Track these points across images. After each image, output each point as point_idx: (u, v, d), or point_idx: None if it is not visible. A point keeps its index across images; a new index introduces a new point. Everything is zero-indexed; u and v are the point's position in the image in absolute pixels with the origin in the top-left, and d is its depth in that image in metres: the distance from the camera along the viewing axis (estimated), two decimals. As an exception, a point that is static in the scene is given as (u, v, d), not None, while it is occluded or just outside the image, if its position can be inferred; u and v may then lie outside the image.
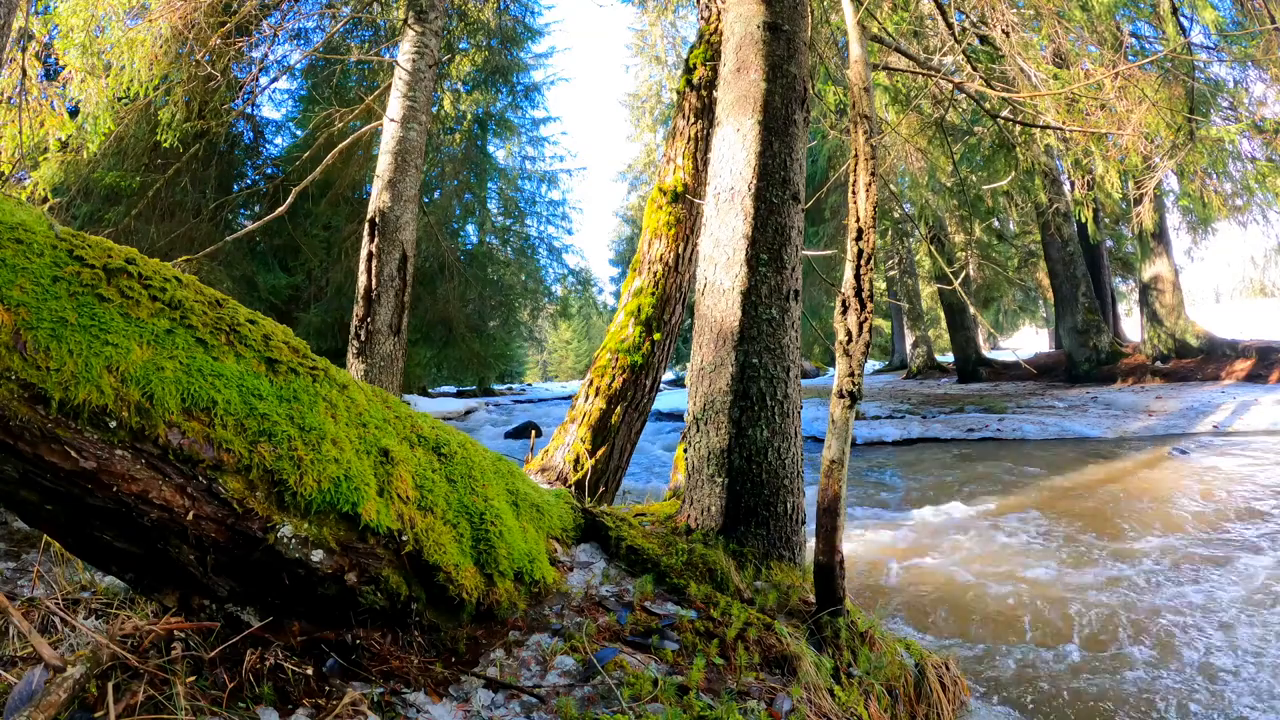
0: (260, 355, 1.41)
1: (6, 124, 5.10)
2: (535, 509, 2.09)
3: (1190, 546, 4.16)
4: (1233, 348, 12.72)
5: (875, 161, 2.14)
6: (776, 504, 2.44)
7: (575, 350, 49.05)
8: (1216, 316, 21.73)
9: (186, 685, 1.24)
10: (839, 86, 6.41)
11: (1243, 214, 9.22)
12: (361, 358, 4.68)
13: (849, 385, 2.02)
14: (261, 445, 1.31)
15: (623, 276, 20.15)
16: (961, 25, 5.17)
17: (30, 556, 2.66)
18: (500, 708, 1.44)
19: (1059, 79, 4.66)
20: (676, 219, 3.95)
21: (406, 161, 4.98)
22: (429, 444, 1.75)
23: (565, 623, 1.77)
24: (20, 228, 1.16)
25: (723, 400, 2.48)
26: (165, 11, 4.94)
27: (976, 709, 2.35)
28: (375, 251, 4.76)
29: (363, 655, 1.48)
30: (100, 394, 1.13)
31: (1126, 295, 20.55)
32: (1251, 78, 6.40)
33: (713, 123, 2.97)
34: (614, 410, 3.78)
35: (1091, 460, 7.22)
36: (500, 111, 18.17)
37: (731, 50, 2.76)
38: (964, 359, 17.27)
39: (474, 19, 13.87)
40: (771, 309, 2.52)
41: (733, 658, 1.75)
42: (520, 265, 19.59)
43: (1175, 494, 5.47)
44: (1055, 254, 14.50)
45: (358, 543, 1.44)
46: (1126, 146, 4.75)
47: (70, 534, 1.28)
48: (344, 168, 12.24)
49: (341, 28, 9.86)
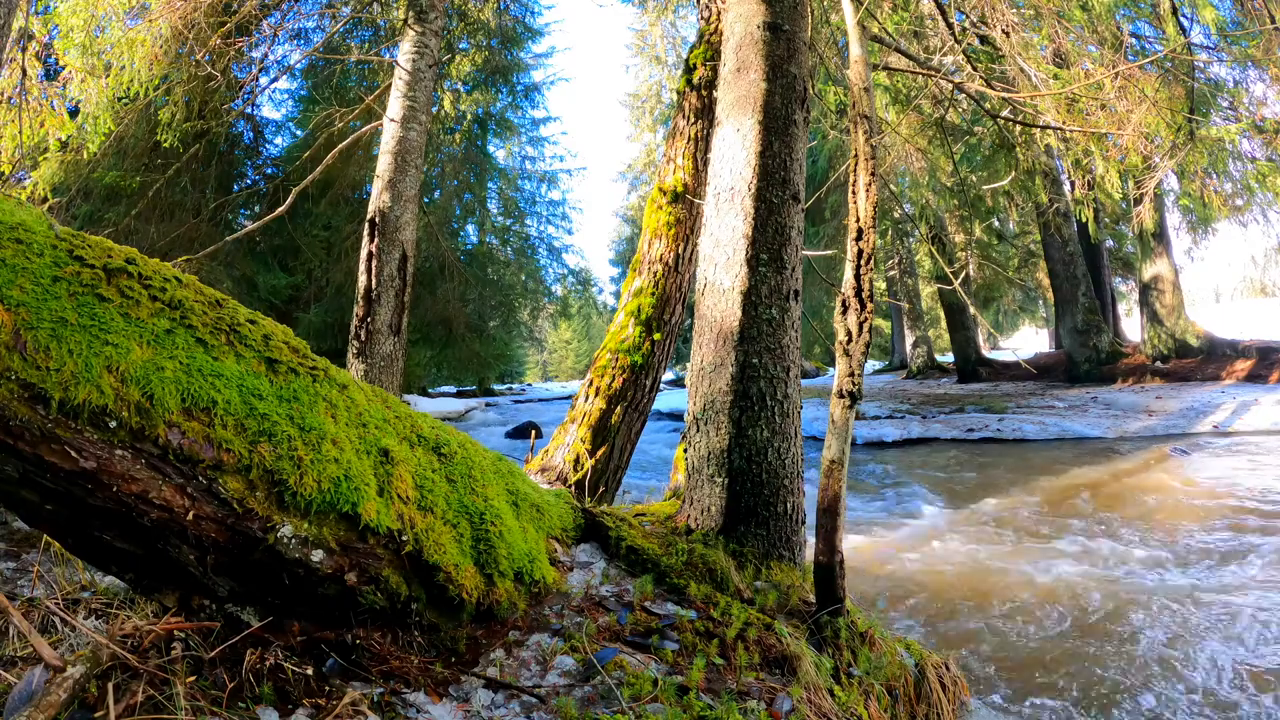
0: (260, 355, 1.41)
1: (6, 124, 5.10)
2: (535, 509, 2.09)
3: (1191, 546, 4.16)
4: (1233, 348, 12.72)
5: (875, 161, 2.14)
6: (776, 504, 2.44)
7: (575, 350, 49.05)
8: (1217, 316, 21.72)
9: (186, 685, 1.24)
10: (839, 86, 6.41)
11: (1243, 214, 9.21)
12: (361, 358, 4.68)
13: (849, 385, 2.02)
14: (261, 445, 1.31)
15: (623, 276, 20.15)
16: (961, 25, 5.17)
17: (30, 556, 2.66)
18: (500, 708, 1.44)
19: (1059, 79, 4.66)
20: (676, 219, 3.95)
21: (406, 161, 4.98)
22: (429, 444, 1.74)
23: (565, 623, 1.77)
24: (20, 228, 1.16)
25: (723, 400, 2.48)
26: (165, 11, 4.93)
27: (976, 709, 2.35)
28: (375, 251, 4.76)
29: (363, 655, 1.48)
30: (100, 394, 1.13)
31: (1126, 295, 20.53)
32: (1251, 78, 6.40)
33: (713, 123, 2.97)
34: (614, 410, 3.78)
35: (1091, 460, 7.22)
36: (500, 111, 18.17)
37: (731, 50, 2.75)
38: (964, 359, 17.26)
39: (474, 19, 13.87)
40: (771, 309, 2.51)
41: (733, 658, 1.75)
42: (520, 265, 19.60)
43: (1176, 493, 5.47)
44: (1055, 254, 14.50)
45: (358, 543, 1.44)
46: (1126, 146, 4.75)
47: (70, 534, 1.28)
48: (344, 168, 12.25)
49: (341, 28, 9.86)
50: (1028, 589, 3.58)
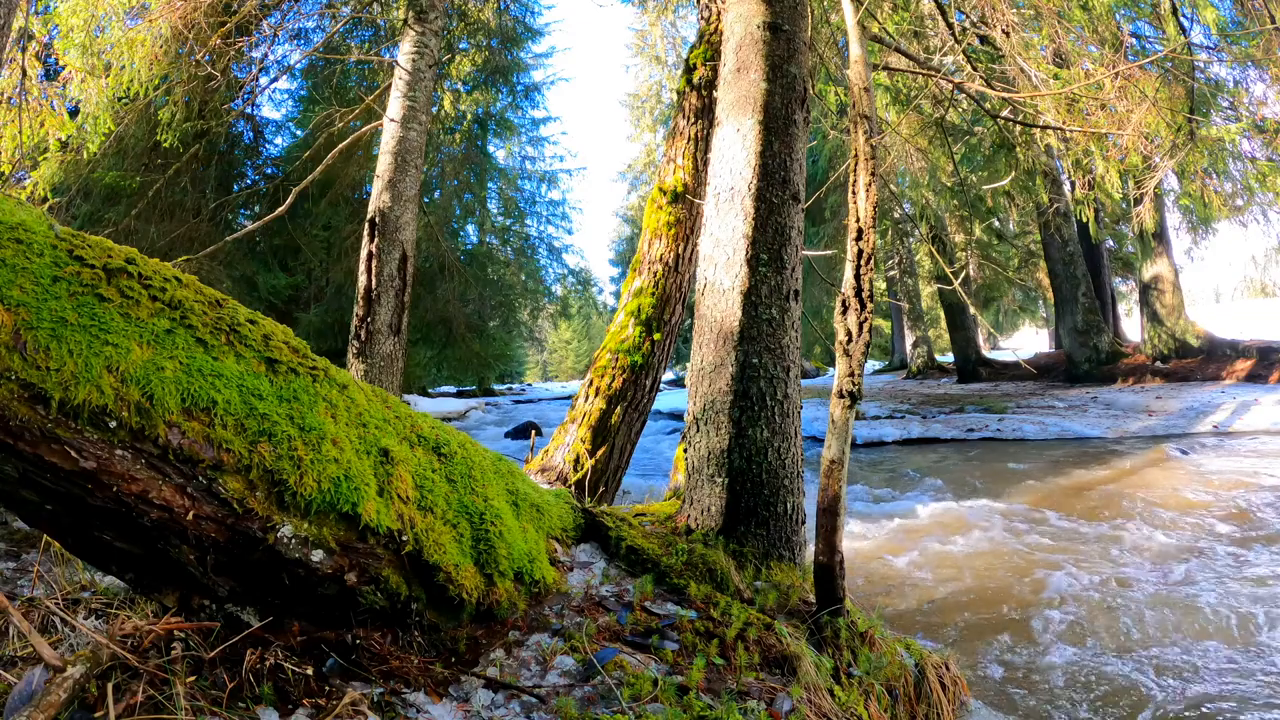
0: (260, 355, 1.41)
1: (6, 124, 5.10)
2: (535, 509, 2.09)
3: (1192, 545, 4.16)
4: (1233, 348, 12.72)
5: (875, 161, 2.13)
6: (776, 504, 2.44)
7: (575, 350, 49.06)
8: (1217, 316, 21.71)
9: (186, 685, 1.24)
10: (839, 86, 6.41)
11: (1243, 214, 9.21)
12: (361, 358, 4.68)
13: (849, 385, 2.02)
14: (261, 445, 1.31)
15: (623, 276, 20.14)
16: (961, 25, 5.17)
17: (30, 556, 2.66)
18: (500, 708, 1.44)
19: (1059, 79, 4.66)
20: (676, 219, 3.95)
21: (406, 161, 4.98)
22: (429, 444, 1.74)
23: (565, 623, 1.77)
24: (20, 228, 1.16)
25: (723, 400, 2.48)
26: (165, 11, 4.93)
27: (976, 709, 2.35)
28: (375, 251, 4.76)
29: (363, 655, 1.48)
30: (100, 394, 1.13)
31: (1126, 295, 20.54)
32: (1251, 78, 6.39)
33: (713, 123, 2.97)
34: (614, 410, 3.77)
35: (1091, 460, 7.22)
36: (500, 111, 18.18)
37: (732, 50, 2.75)
38: (964, 359, 17.26)
39: (474, 19, 13.87)
40: (771, 309, 2.51)
41: (733, 658, 1.75)
42: (520, 265, 19.61)
43: (1176, 493, 5.46)
44: (1055, 254, 14.50)
45: (358, 543, 1.44)
46: (1126, 146, 4.75)
47: (70, 534, 1.28)
48: (344, 168, 12.25)
49: (341, 28, 9.86)
50: (1028, 588, 3.58)
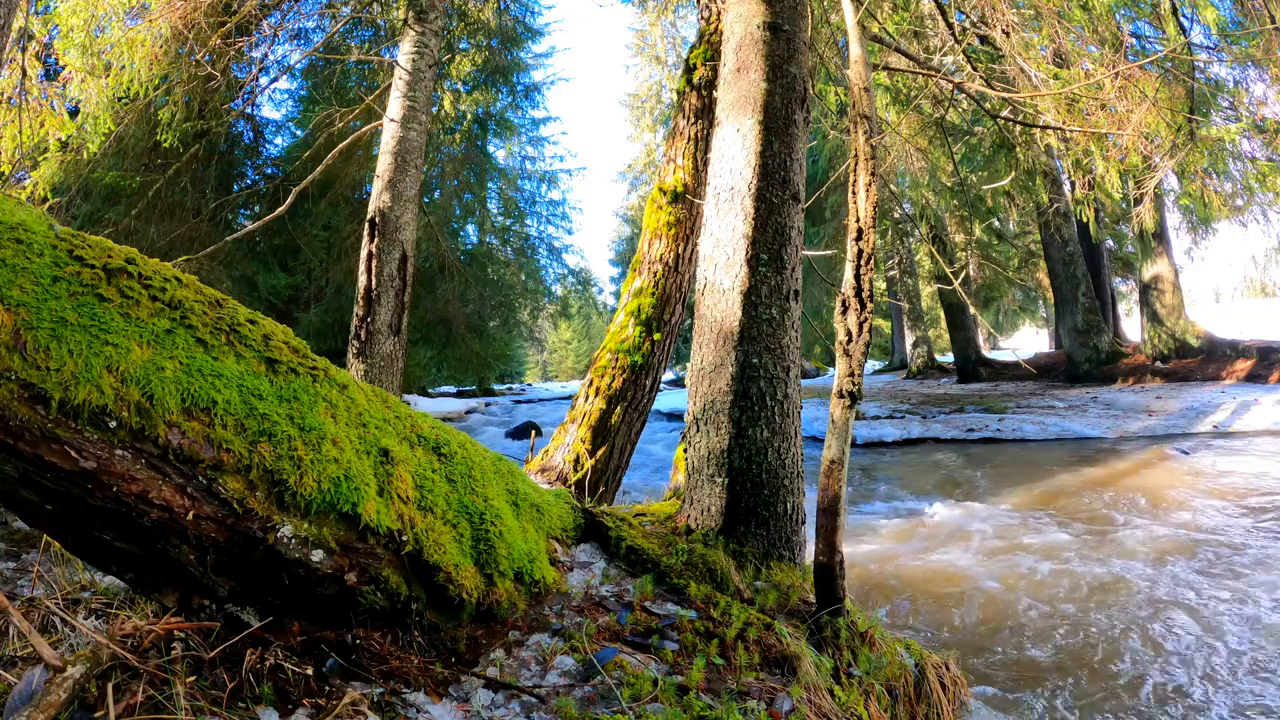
0: (260, 355, 1.41)
1: (6, 124, 5.10)
2: (535, 509, 2.09)
3: (1192, 545, 4.16)
4: (1233, 348, 12.72)
5: (875, 161, 2.13)
6: (776, 504, 2.44)
7: (575, 350, 49.04)
8: (1217, 316, 21.70)
9: (186, 685, 1.24)
10: (839, 86, 6.41)
11: (1243, 214, 9.20)
12: (361, 358, 4.68)
13: (849, 385, 2.02)
14: (261, 445, 1.31)
15: (623, 276, 20.14)
16: (961, 25, 5.17)
17: (30, 556, 2.66)
18: (500, 708, 1.44)
19: (1059, 79, 4.66)
20: (676, 219, 3.95)
21: (406, 161, 4.98)
22: (429, 444, 1.74)
23: (565, 623, 1.77)
24: (20, 228, 1.16)
25: (723, 400, 2.48)
26: (165, 11, 4.93)
27: (976, 709, 2.35)
28: (375, 251, 4.76)
29: (363, 655, 1.48)
30: (100, 394, 1.13)
31: (1126, 295, 20.53)
32: (1252, 78, 6.39)
33: (713, 123, 2.97)
34: (614, 410, 3.77)
35: (1091, 460, 7.22)
36: (500, 111, 18.17)
37: (732, 50, 2.75)
38: (964, 359, 17.26)
39: (474, 19, 13.87)
40: (771, 309, 2.51)
41: (733, 658, 1.75)
42: (520, 265, 19.59)
43: (1176, 493, 5.46)
44: (1055, 254, 14.49)
45: (358, 543, 1.44)
46: (1126, 146, 4.75)
47: (70, 534, 1.28)
48: (344, 168, 12.24)
49: (341, 28, 9.86)
50: (1028, 588, 3.58)
